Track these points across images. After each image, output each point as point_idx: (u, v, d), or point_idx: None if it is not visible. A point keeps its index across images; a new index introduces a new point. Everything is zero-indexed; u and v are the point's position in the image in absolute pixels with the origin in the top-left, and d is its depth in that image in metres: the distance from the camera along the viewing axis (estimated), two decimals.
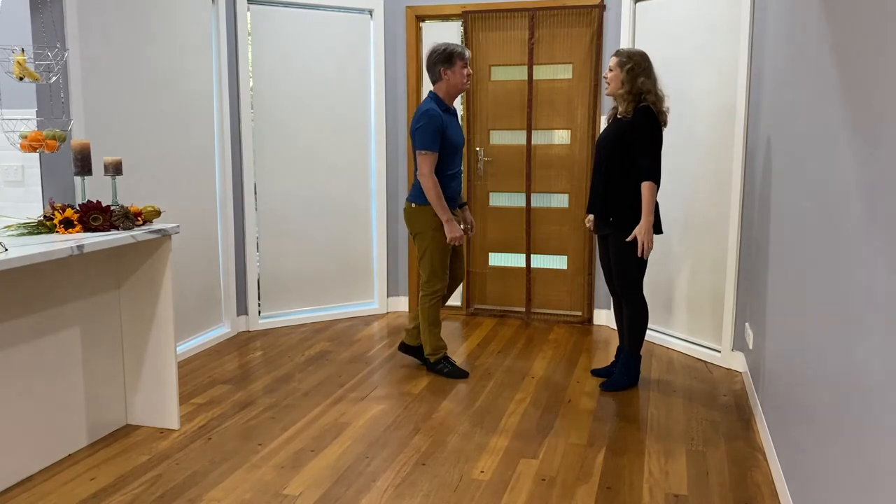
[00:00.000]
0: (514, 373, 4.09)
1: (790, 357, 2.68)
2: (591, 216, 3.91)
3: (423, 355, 4.13)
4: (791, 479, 2.56)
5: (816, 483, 2.17)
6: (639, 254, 3.56)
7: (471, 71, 3.94)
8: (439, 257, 3.91)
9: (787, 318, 2.78)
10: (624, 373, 3.82)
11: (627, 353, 3.81)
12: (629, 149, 3.58)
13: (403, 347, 4.22)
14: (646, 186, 3.53)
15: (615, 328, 4.94)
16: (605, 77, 3.71)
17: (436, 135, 3.75)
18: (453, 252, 4.08)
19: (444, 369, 4.02)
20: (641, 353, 4.03)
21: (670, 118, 4.44)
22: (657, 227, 3.68)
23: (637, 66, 3.57)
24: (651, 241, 3.57)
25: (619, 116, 3.64)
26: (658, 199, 4.55)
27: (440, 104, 3.85)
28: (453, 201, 3.95)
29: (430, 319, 4.00)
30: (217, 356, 4.38)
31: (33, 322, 2.89)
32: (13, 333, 2.80)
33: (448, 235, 3.82)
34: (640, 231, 3.55)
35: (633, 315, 3.74)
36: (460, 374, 3.99)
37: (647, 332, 4.69)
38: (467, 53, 3.87)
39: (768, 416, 3.13)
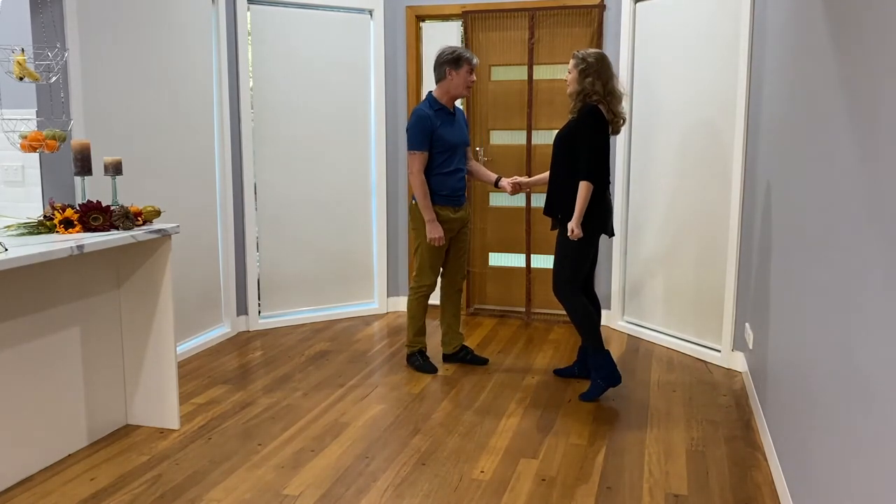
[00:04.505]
0: (515, 373, 4.09)
1: (790, 357, 2.68)
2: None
3: (465, 354, 4.25)
4: (791, 479, 2.56)
5: (816, 483, 2.17)
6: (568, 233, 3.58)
7: (474, 79, 3.96)
8: (429, 254, 4.00)
9: (788, 317, 2.78)
10: (597, 376, 3.70)
11: (591, 354, 3.71)
12: (575, 147, 3.59)
13: (446, 358, 4.28)
14: (581, 186, 3.54)
15: (614, 328, 4.94)
16: (565, 78, 3.74)
17: (424, 135, 3.87)
18: (456, 252, 4.12)
19: (416, 363, 4.14)
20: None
21: (669, 117, 4.46)
22: (604, 228, 3.67)
23: (589, 68, 3.57)
24: (576, 237, 3.57)
25: (570, 116, 3.67)
26: (657, 198, 4.58)
27: (434, 105, 3.93)
28: (455, 198, 4.01)
29: (412, 312, 4.13)
30: (217, 356, 4.38)
31: (33, 322, 2.89)
32: (13, 333, 2.80)
33: (427, 235, 3.94)
34: (569, 225, 3.58)
35: (571, 316, 3.74)
36: (430, 370, 4.09)
37: (647, 331, 4.70)
38: (475, 61, 3.94)
39: (768, 415, 3.13)
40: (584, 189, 3.53)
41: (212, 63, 4.52)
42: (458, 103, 4.12)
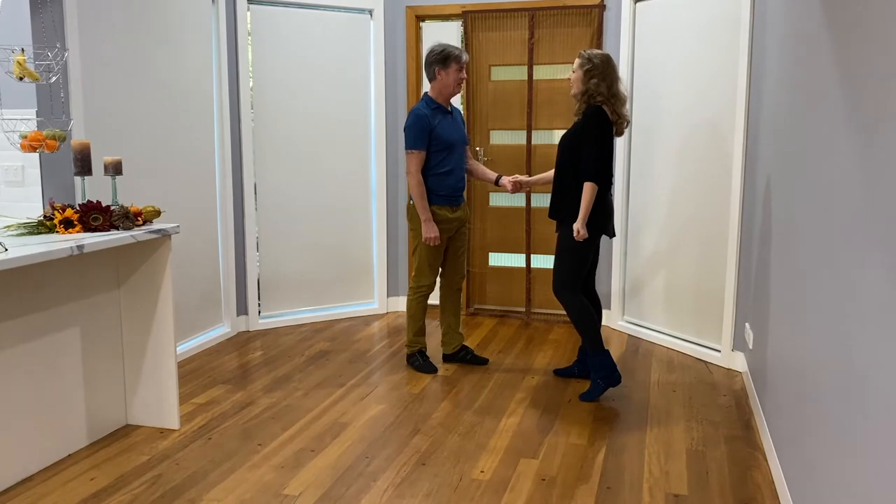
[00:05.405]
0: (515, 373, 4.09)
1: (790, 357, 2.68)
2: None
3: (465, 354, 4.24)
4: (791, 479, 2.56)
5: (816, 483, 2.17)
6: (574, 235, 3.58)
7: (465, 76, 3.96)
8: (428, 254, 4.00)
9: (788, 317, 2.78)
10: (597, 376, 3.69)
11: (591, 354, 3.70)
12: (579, 149, 3.58)
13: (446, 358, 4.28)
14: (586, 186, 3.53)
15: (614, 328, 4.94)
16: (569, 78, 3.73)
17: (421, 134, 3.86)
18: (454, 252, 4.12)
19: (416, 363, 4.14)
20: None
21: (670, 117, 4.47)
22: (605, 228, 3.67)
23: (594, 69, 3.56)
24: (582, 237, 3.56)
25: (575, 118, 3.67)
26: (657, 198, 4.58)
27: (431, 104, 3.93)
28: (453, 198, 4.00)
29: (411, 312, 4.13)
30: (217, 356, 4.38)
31: (33, 322, 2.89)
32: (13, 333, 2.80)
33: (423, 234, 3.93)
34: (575, 226, 3.57)
35: (571, 316, 3.72)
36: (430, 370, 4.10)
37: (647, 331, 4.70)
38: (464, 57, 3.92)
39: (768, 416, 3.13)
40: (589, 190, 3.52)
41: (212, 63, 4.52)
42: (457, 103, 4.12)
